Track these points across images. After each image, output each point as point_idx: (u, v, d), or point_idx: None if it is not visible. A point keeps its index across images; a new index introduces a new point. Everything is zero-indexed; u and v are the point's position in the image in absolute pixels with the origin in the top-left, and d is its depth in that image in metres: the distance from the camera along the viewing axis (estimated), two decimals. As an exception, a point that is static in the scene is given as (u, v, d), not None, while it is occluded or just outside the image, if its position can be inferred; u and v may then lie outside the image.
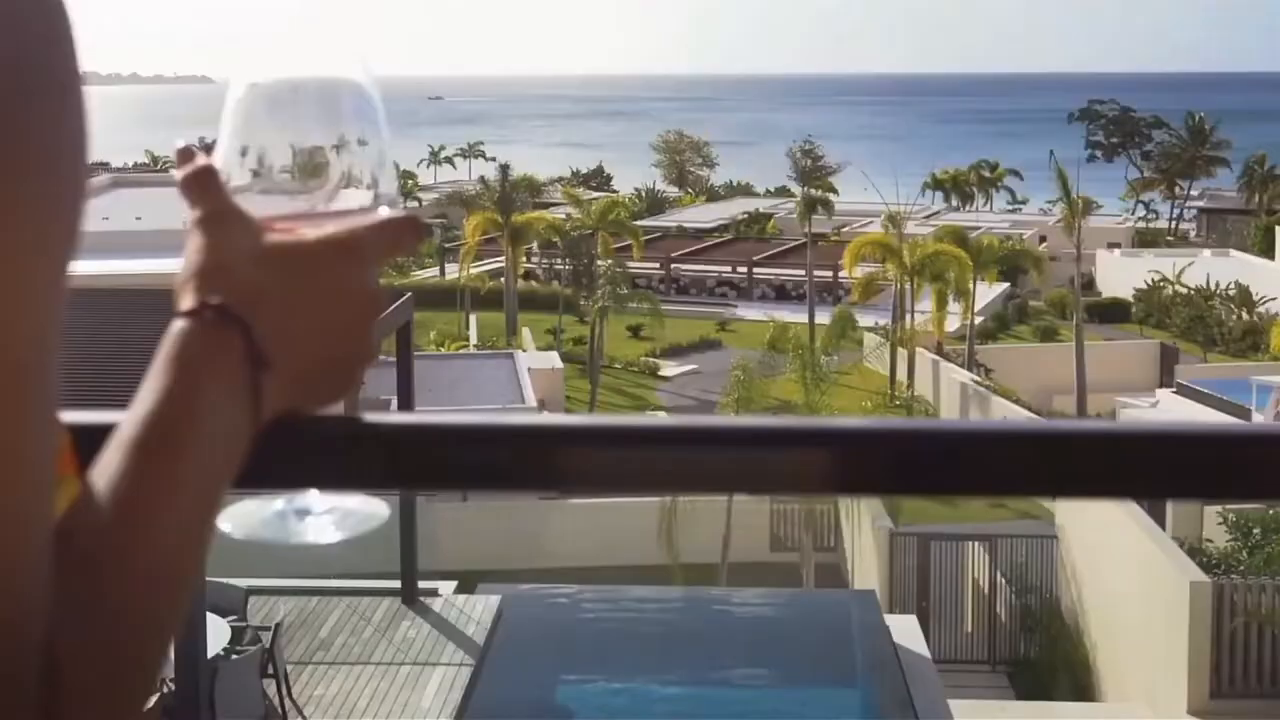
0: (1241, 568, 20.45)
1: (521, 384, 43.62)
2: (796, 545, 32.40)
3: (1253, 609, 17.89)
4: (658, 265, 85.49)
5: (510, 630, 16.81)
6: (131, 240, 37.16)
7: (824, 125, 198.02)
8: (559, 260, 77.51)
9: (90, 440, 0.96)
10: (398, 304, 16.62)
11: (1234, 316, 67.87)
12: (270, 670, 14.12)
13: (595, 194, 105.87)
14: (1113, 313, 75.70)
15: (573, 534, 35.27)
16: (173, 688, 11.84)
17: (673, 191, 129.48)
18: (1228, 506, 26.45)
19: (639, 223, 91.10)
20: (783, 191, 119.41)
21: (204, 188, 1.15)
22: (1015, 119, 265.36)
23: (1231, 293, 68.37)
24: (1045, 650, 25.04)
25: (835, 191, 79.50)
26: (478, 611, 17.08)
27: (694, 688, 14.90)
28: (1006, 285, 77.78)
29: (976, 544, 28.02)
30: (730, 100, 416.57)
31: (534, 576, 31.27)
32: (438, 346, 59.65)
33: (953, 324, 61.36)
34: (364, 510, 1.14)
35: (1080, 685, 23.25)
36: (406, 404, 17.44)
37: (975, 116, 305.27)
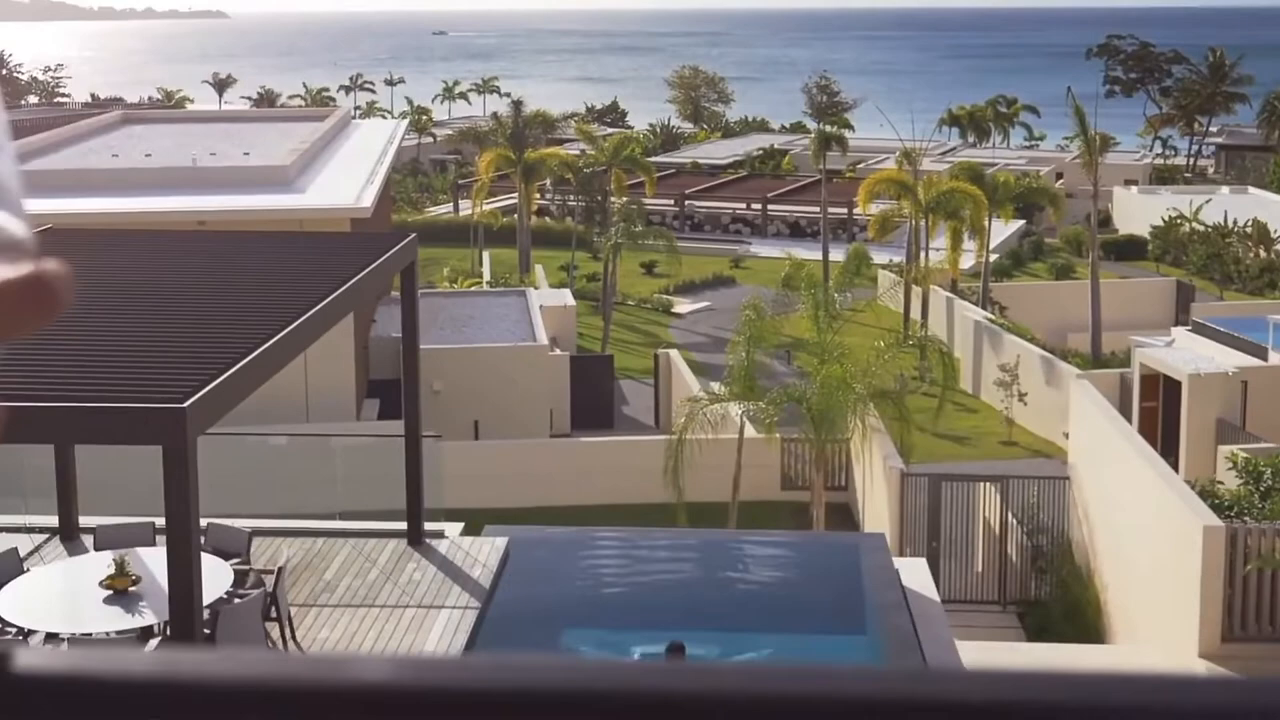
0: (1255, 511, 20.26)
1: (533, 321, 43.49)
2: (807, 484, 32.28)
3: (1266, 554, 17.72)
4: (672, 202, 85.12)
5: (517, 573, 16.70)
6: (140, 178, 36.99)
7: (840, 60, 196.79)
8: (572, 196, 77.18)
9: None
10: (403, 244, 16.42)
11: (1251, 254, 67.39)
12: (273, 614, 14.02)
13: (610, 129, 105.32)
14: (1129, 250, 75.25)
15: (583, 472, 35.21)
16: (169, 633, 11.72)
17: (688, 127, 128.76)
18: (1236, 450, 26.28)
19: (653, 159, 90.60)
20: (798, 127, 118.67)
21: None
22: (1033, 54, 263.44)
23: (1249, 230, 67.84)
24: (1056, 591, 24.94)
25: (851, 127, 78.96)
26: (484, 554, 16.97)
27: (701, 632, 14.79)
28: (1022, 222, 77.31)
29: (988, 484, 27.87)
30: (745, 34, 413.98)
31: (543, 515, 31.25)
32: (451, 283, 59.49)
33: (968, 261, 60.98)
34: None
35: (1091, 627, 23.14)
36: (412, 342, 17.27)
37: (992, 51, 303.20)
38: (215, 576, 13.85)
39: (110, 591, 13.51)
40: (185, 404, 9.81)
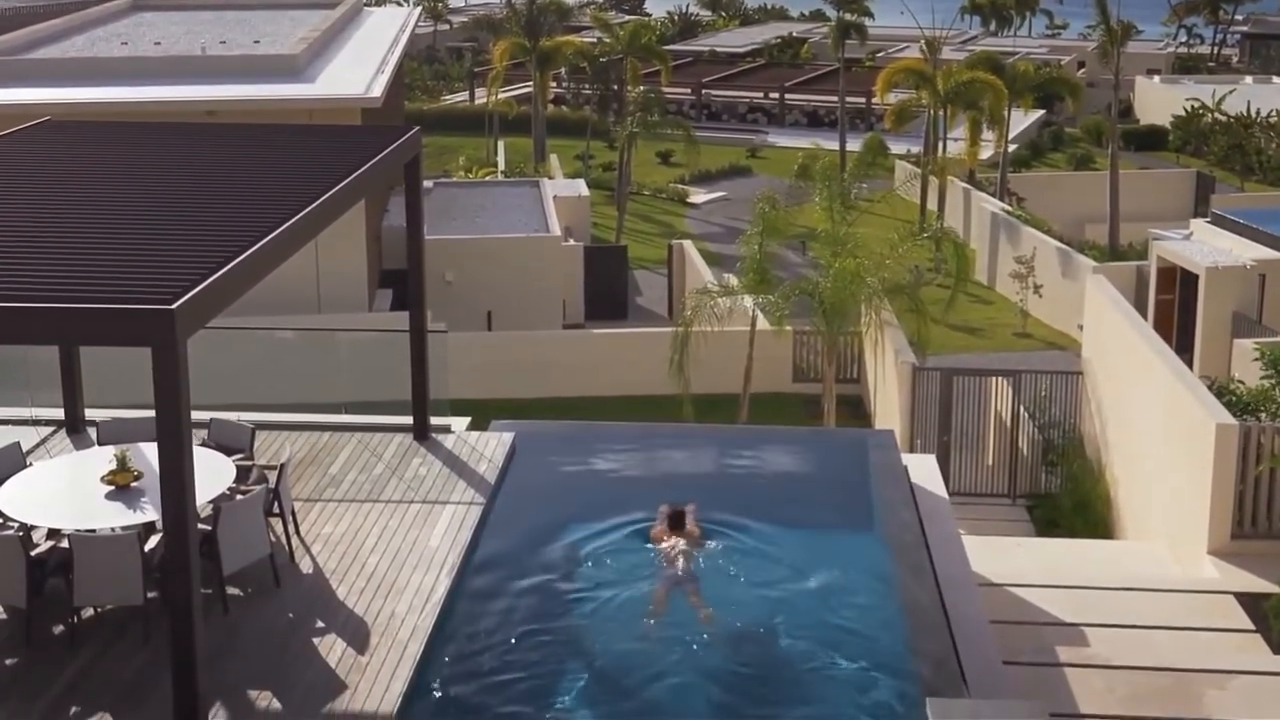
0: (1275, 407, 20.08)
1: (546, 211, 43.27)
2: (819, 377, 32.19)
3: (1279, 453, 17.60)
4: (689, 91, 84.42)
5: (523, 467, 16.65)
6: (149, 66, 36.62)
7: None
8: (587, 85, 76.52)
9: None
10: (405, 138, 16.18)
11: (1274, 145, 66.61)
12: (276, 509, 13.98)
13: (627, 17, 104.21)
14: (1149, 140, 74.53)
15: (595, 364, 35.16)
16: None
17: (706, 15, 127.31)
18: (1261, 342, 26.07)
19: (670, 47, 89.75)
20: (817, 15, 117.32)
21: None
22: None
23: (1272, 120, 67.02)
24: (1066, 485, 24.87)
25: (870, 15, 77.95)
26: (490, 449, 16.90)
27: (706, 526, 14.74)
28: (1042, 112, 76.56)
29: (1000, 378, 27.76)
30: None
31: (554, 406, 31.23)
32: (466, 173, 59.20)
33: (986, 152, 60.41)
34: None
35: (1100, 521, 23.10)
36: (417, 237, 17.07)
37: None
38: (217, 472, 13.80)
39: (112, 487, 13.48)
40: (174, 305, 9.64)
